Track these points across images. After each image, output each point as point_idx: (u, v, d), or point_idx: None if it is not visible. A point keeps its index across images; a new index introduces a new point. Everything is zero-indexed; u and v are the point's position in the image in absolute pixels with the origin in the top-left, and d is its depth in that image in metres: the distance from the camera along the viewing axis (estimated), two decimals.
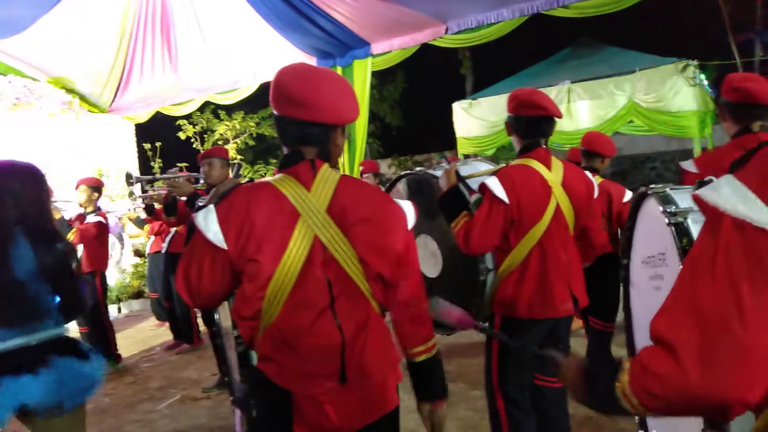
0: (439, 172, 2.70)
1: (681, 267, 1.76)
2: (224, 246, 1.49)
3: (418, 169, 3.13)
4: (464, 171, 2.70)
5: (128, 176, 4.54)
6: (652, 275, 2.14)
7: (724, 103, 2.60)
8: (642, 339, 2.28)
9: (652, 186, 2.09)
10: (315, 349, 1.50)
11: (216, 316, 2.58)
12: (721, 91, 2.62)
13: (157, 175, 4.45)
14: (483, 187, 2.40)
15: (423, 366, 1.67)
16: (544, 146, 2.52)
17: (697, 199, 0.90)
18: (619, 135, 8.67)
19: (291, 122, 1.56)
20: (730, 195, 0.85)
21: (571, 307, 2.47)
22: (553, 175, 2.47)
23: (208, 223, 1.51)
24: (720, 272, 0.83)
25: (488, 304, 2.56)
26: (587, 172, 2.74)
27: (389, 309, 1.67)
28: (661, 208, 1.89)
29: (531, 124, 2.49)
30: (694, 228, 1.80)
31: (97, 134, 9.59)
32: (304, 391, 1.51)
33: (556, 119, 2.53)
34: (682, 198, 1.92)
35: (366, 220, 1.55)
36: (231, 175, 4.19)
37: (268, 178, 1.63)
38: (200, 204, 3.88)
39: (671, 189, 1.98)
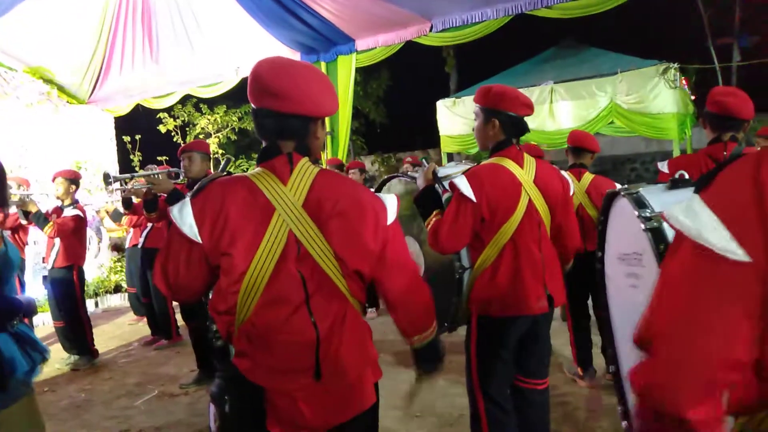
0: (418, 174, 2.71)
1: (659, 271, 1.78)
2: (199, 239, 1.50)
3: (401, 170, 3.18)
4: (442, 171, 2.70)
5: (106, 176, 4.47)
6: (628, 273, 2.16)
7: (705, 113, 2.84)
8: (620, 331, 2.30)
9: (626, 186, 2.10)
10: (289, 345, 1.50)
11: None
12: (706, 101, 2.84)
13: (136, 173, 4.35)
14: (452, 186, 2.41)
15: (420, 348, 1.78)
16: (516, 144, 2.51)
17: (665, 218, 0.92)
18: (600, 136, 8.73)
19: (269, 114, 1.54)
20: (694, 218, 0.86)
21: (545, 305, 2.46)
22: (525, 172, 2.45)
23: (183, 217, 1.51)
24: (684, 294, 0.85)
25: (465, 303, 2.56)
26: (563, 171, 2.75)
27: (386, 305, 1.69)
28: (636, 212, 1.89)
29: (516, 122, 2.46)
30: (671, 232, 1.81)
31: (75, 126, 9.44)
32: (278, 386, 1.50)
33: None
34: (655, 199, 1.92)
35: (342, 214, 1.53)
36: (218, 170, 4.13)
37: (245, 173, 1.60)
38: None
39: (643, 189, 1.99)
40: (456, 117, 9.11)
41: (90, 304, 8.21)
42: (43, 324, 7.09)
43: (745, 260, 0.80)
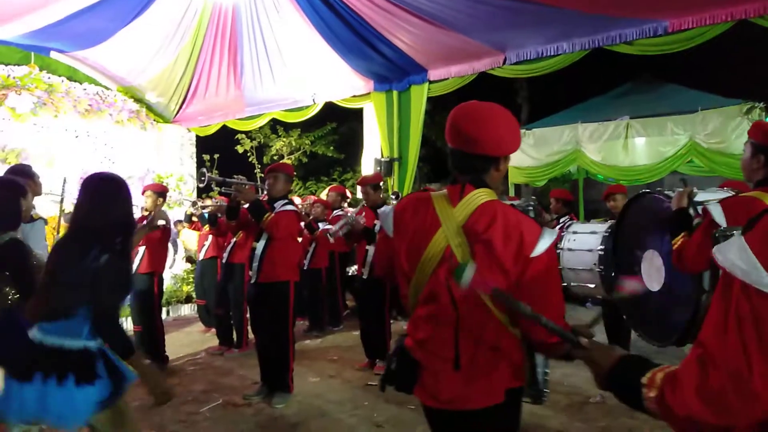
0: (672, 193, 2.97)
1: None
2: (391, 234, 1.98)
3: (657, 189, 3.48)
4: (701, 196, 2.89)
5: (202, 173, 4.78)
6: None
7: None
8: None
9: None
10: (436, 335, 1.84)
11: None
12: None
13: (227, 179, 4.68)
14: (704, 212, 2.58)
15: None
16: None
17: (714, 256, 1.03)
18: (677, 174, 8.49)
19: (457, 154, 1.89)
20: (736, 258, 0.97)
21: None
22: None
23: (387, 217, 2.01)
24: (731, 330, 0.96)
25: (699, 324, 2.70)
26: None
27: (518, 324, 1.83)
28: None
29: None
30: None
31: (159, 143, 10.05)
32: (427, 364, 1.85)
33: None
34: None
35: (488, 240, 1.78)
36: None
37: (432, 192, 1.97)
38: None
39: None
40: (525, 149, 9.06)
41: (162, 312, 8.62)
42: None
43: None
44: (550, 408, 4.36)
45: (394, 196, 7.61)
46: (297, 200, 7.92)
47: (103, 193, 2.39)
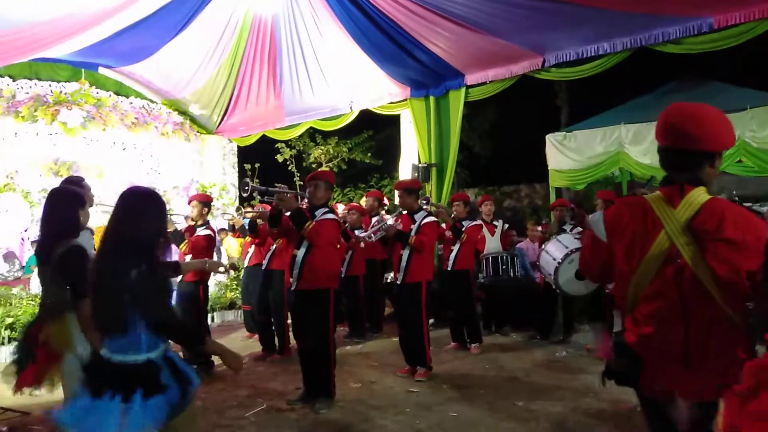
0: (764, 209, 2.91)
1: None
2: (604, 238, 2.04)
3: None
4: None
5: (245, 183, 4.90)
6: None
7: None
8: None
9: None
10: (664, 332, 1.87)
11: None
12: None
13: (269, 188, 4.78)
14: None
15: None
16: None
17: None
18: (726, 175, 8.21)
19: (671, 151, 1.95)
20: None
21: None
22: None
23: (597, 222, 2.08)
24: None
25: None
26: None
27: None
28: None
29: None
30: None
31: (203, 154, 10.33)
32: (652, 359, 1.89)
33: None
34: None
35: (723, 239, 1.80)
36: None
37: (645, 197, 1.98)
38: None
39: None
40: (566, 152, 8.90)
41: (207, 318, 8.80)
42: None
43: None
44: (595, 417, 4.28)
45: (425, 201, 7.61)
46: (340, 207, 7.97)
47: (135, 207, 2.38)
